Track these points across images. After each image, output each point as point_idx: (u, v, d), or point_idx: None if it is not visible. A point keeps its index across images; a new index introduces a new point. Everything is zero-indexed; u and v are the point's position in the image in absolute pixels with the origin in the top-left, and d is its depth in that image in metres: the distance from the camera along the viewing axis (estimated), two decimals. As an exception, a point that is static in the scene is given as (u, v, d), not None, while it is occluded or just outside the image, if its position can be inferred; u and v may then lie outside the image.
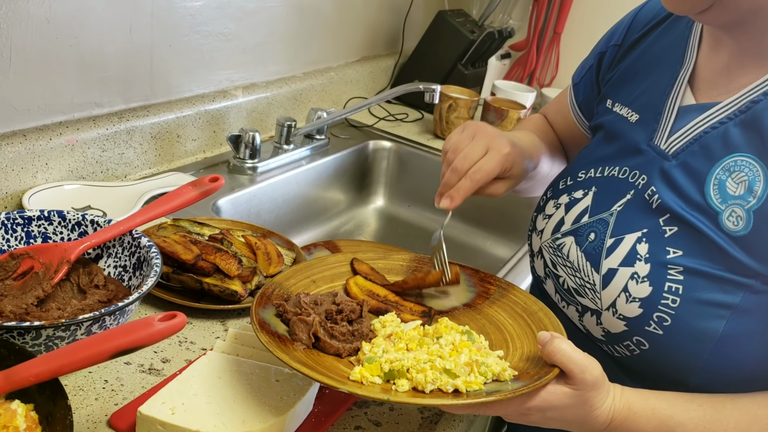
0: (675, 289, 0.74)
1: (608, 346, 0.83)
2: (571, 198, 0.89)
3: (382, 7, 1.88)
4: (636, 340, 0.78)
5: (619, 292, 0.78)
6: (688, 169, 0.77)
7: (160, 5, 1.20)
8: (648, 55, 0.90)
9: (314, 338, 0.75)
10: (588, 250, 0.83)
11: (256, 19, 1.43)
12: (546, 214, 0.92)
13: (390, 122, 1.82)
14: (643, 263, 0.77)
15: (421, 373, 0.69)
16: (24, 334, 0.68)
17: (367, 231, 1.70)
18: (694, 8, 0.73)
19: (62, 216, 0.89)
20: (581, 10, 2.10)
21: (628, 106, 0.89)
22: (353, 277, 0.88)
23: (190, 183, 0.93)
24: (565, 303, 0.88)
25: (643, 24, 0.93)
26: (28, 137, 1.05)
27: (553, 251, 0.89)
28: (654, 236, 0.77)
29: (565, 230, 0.88)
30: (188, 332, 0.88)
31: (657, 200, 0.78)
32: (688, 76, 0.83)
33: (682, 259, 0.74)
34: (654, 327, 0.76)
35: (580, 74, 1.04)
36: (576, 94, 1.04)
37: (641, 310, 0.76)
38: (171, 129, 1.29)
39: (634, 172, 0.83)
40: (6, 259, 0.83)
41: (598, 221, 0.84)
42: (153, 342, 0.61)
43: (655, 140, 0.82)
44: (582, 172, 0.90)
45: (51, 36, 1.05)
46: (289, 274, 0.85)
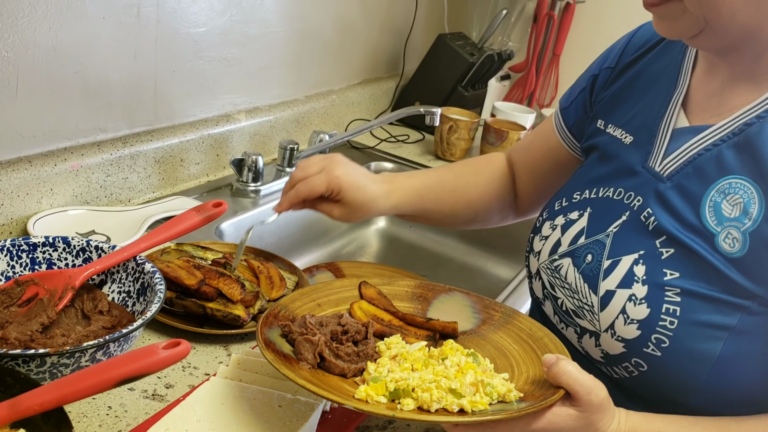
0: (672, 310, 0.75)
1: (607, 367, 0.83)
2: (567, 219, 0.90)
3: (383, 30, 1.90)
4: (634, 361, 0.78)
5: (617, 314, 0.78)
6: (683, 191, 0.78)
7: (164, 32, 1.22)
8: (642, 78, 0.91)
9: (319, 358, 0.75)
10: (585, 272, 0.84)
11: (259, 44, 1.45)
12: (543, 235, 0.93)
13: (391, 144, 1.84)
14: (641, 285, 0.77)
15: (426, 393, 0.69)
16: (29, 362, 0.69)
17: (369, 252, 1.71)
18: (684, 33, 0.74)
19: (67, 242, 0.90)
20: (579, 31, 2.12)
21: (621, 127, 0.89)
22: (358, 302, 0.89)
23: (194, 208, 0.94)
24: (564, 325, 0.89)
25: (637, 47, 0.94)
26: (34, 163, 1.06)
27: (550, 273, 0.90)
28: (651, 258, 0.78)
29: (562, 252, 0.88)
30: (192, 357, 0.88)
31: (653, 222, 0.79)
32: (681, 99, 0.83)
33: (679, 281, 0.75)
34: (652, 348, 0.76)
35: (569, 98, 1.04)
36: (566, 118, 1.03)
37: (639, 331, 0.76)
38: (175, 153, 1.30)
39: (629, 194, 0.83)
40: (11, 285, 0.84)
41: (594, 243, 0.84)
42: (157, 370, 0.61)
43: (649, 162, 0.83)
44: (577, 193, 0.91)
45: (57, 63, 1.06)
46: (295, 297, 0.86)
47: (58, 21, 1.04)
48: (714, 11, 0.70)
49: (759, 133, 0.74)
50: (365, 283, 0.91)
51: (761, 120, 0.74)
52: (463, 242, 1.71)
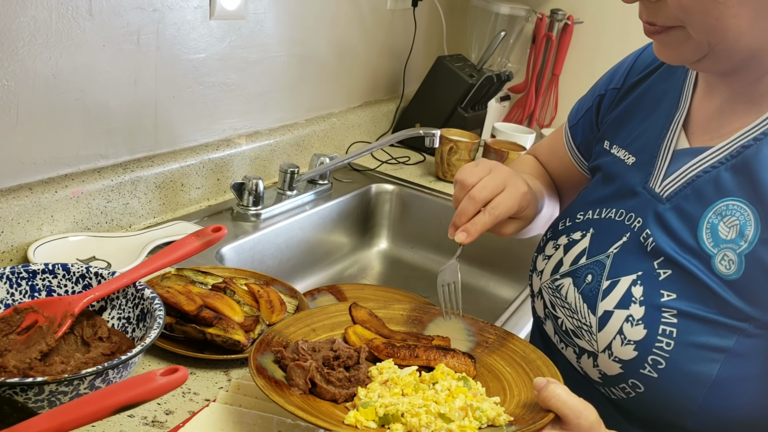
0: (669, 332, 0.75)
1: (605, 388, 0.83)
2: (570, 239, 0.90)
3: (383, 53, 1.92)
4: (631, 382, 0.78)
5: (614, 335, 0.78)
6: (682, 213, 0.78)
7: (164, 58, 1.23)
8: (646, 99, 0.91)
9: (311, 384, 0.75)
10: (585, 292, 0.84)
11: (259, 69, 1.46)
12: (546, 254, 0.93)
13: (392, 165, 1.84)
14: (638, 306, 0.77)
15: (415, 417, 0.69)
16: (27, 390, 0.69)
17: (371, 274, 1.71)
18: (688, 59, 0.75)
19: (66, 269, 0.90)
20: (578, 51, 2.14)
21: (624, 148, 0.90)
22: (352, 326, 0.89)
23: (193, 234, 0.94)
24: (564, 344, 0.88)
25: (642, 67, 0.94)
26: (34, 190, 1.07)
27: (552, 292, 0.90)
28: (649, 279, 0.78)
29: (563, 271, 0.89)
30: (191, 383, 0.88)
31: (651, 243, 0.79)
32: (682, 121, 0.84)
33: (676, 302, 0.75)
34: (649, 370, 0.76)
35: (576, 116, 1.05)
36: (573, 136, 1.05)
37: (636, 352, 0.76)
38: (175, 178, 1.31)
39: (630, 215, 0.84)
40: (10, 313, 0.84)
41: (595, 263, 0.84)
42: (155, 397, 0.61)
43: (650, 183, 0.83)
44: (581, 214, 0.91)
45: (57, 91, 1.07)
46: (290, 322, 0.86)
47: (58, 49, 1.05)
48: (719, 36, 0.70)
49: (756, 155, 0.74)
50: (355, 305, 0.91)
51: (758, 142, 0.74)
52: (466, 263, 1.71)
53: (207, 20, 1.29)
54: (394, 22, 1.92)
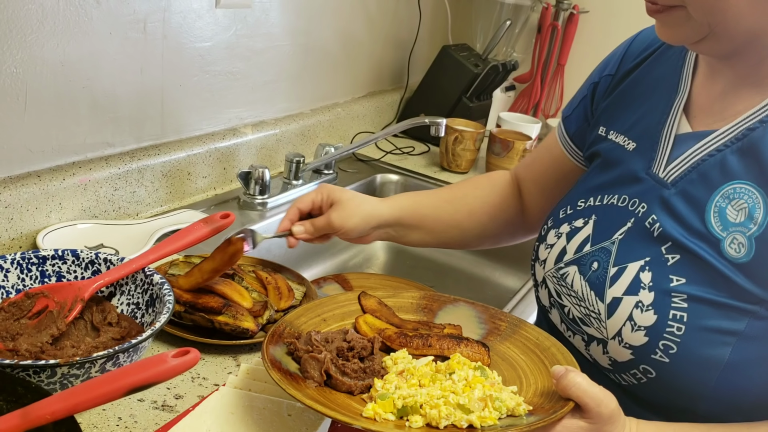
0: (680, 316, 0.74)
1: (615, 374, 0.83)
2: (572, 227, 0.89)
3: (387, 43, 1.92)
4: (642, 368, 0.78)
5: (624, 321, 0.78)
6: (688, 197, 0.78)
7: (170, 47, 1.23)
8: (642, 84, 0.91)
9: (326, 375, 0.74)
10: (592, 280, 0.83)
11: (264, 58, 1.46)
12: (548, 243, 0.93)
13: (397, 155, 1.84)
14: (647, 291, 0.77)
15: (434, 409, 0.69)
16: (39, 373, 0.69)
17: (376, 264, 1.71)
18: (688, 39, 0.75)
19: (76, 255, 0.91)
20: (584, 41, 2.13)
21: (623, 134, 0.89)
22: (363, 316, 0.88)
23: (202, 220, 0.95)
24: (571, 332, 0.88)
25: (637, 53, 0.94)
26: (42, 178, 1.07)
27: (557, 281, 0.90)
28: (657, 264, 0.77)
29: (567, 260, 0.88)
30: (201, 368, 0.88)
31: (658, 228, 0.79)
32: (683, 105, 0.83)
33: (686, 287, 0.75)
34: (660, 355, 0.76)
35: (570, 107, 1.04)
36: (567, 127, 1.03)
37: (647, 338, 0.76)
38: (182, 167, 1.31)
39: (634, 200, 0.83)
40: (21, 298, 0.85)
41: (600, 250, 0.84)
42: (167, 378, 0.61)
43: (653, 168, 0.83)
44: (581, 201, 0.91)
45: (65, 79, 1.07)
46: (300, 313, 0.86)
47: (65, 37, 1.05)
48: (719, 17, 0.70)
49: (762, 138, 0.73)
50: (365, 294, 0.91)
51: (764, 124, 0.74)
52: (470, 253, 1.71)
53: (213, 9, 1.29)
54: (399, 12, 1.91)
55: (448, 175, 1.77)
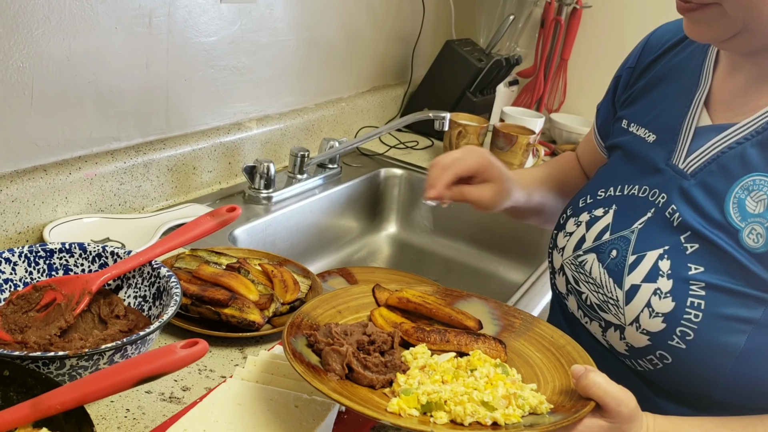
0: (697, 304, 0.76)
1: (631, 360, 0.84)
2: (592, 216, 0.91)
3: (391, 38, 1.92)
4: (659, 354, 0.79)
5: (642, 308, 0.79)
6: (707, 188, 0.79)
7: (175, 41, 1.24)
8: (663, 77, 0.92)
9: (347, 369, 0.74)
10: (610, 267, 0.85)
11: (269, 53, 1.47)
12: (567, 231, 0.94)
13: (401, 150, 1.84)
14: (666, 279, 0.78)
15: (459, 406, 0.68)
16: (49, 364, 0.70)
17: (381, 258, 1.72)
18: (719, 36, 0.75)
19: (83, 248, 0.91)
20: (587, 36, 2.13)
21: (644, 126, 0.91)
22: (378, 309, 0.88)
23: (208, 213, 0.95)
24: (588, 319, 0.89)
25: (657, 46, 0.95)
26: (49, 172, 1.08)
27: (575, 268, 0.91)
28: (676, 253, 0.79)
29: (586, 247, 0.89)
30: (207, 360, 0.89)
31: (678, 218, 0.80)
32: (704, 98, 0.84)
33: (704, 275, 0.76)
34: (677, 341, 0.77)
35: (603, 101, 1.07)
36: (597, 119, 1.07)
37: (664, 324, 0.77)
38: (187, 161, 1.32)
39: (654, 191, 0.85)
40: (29, 291, 0.85)
41: (619, 238, 0.85)
42: (176, 369, 0.62)
43: (673, 160, 0.84)
44: (602, 191, 0.92)
45: (71, 73, 1.08)
46: (316, 304, 0.85)
47: (71, 31, 1.05)
48: (756, 13, 0.70)
49: None
50: (379, 287, 0.91)
51: None
52: (475, 246, 1.71)
53: (218, 3, 1.29)
54: (402, 7, 1.91)
55: (452, 169, 1.77)
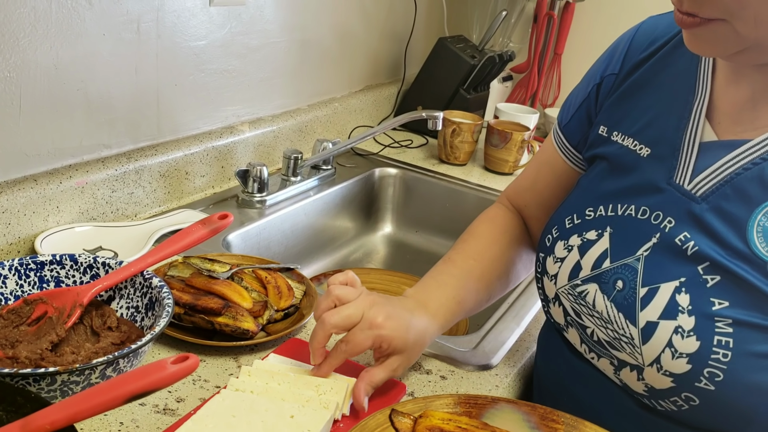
0: (725, 342, 0.69)
1: (651, 401, 0.77)
2: (584, 239, 0.82)
3: (383, 36, 1.91)
4: (685, 396, 0.73)
5: (663, 348, 0.73)
6: (724, 214, 0.72)
7: (164, 46, 1.23)
8: (651, 83, 0.84)
9: None
10: (618, 301, 0.77)
11: (260, 55, 1.46)
12: (557, 256, 0.85)
13: (395, 149, 1.84)
14: (687, 316, 0.71)
15: None
16: (39, 380, 0.69)
17: (377, 258, 1.71)
18: (725, 51, 0.68)
19: (74, 259, 0.91)
20: (580, 30, 2.12)
21: (632, 137, 0.82)
22: None
23: (200, 221, 0.94)
24: (595, 355, 0.83)
25: (642, 48, 0.87)
26: (39, 182, 1.07)
27: (573, 299, 0.83)
28: (694, 286, 0.72)
29: (584, 276, 0.81)
30: (201, 370, 0.88)
31: (693, 247, 0.73)
32: (704, 110, 0.77)
33: (729, 311, 0.69)
34: (705, 383, 0.70)
35: (568, 113, 0.96)
36: (569, 136, 0.96)
37: (690, 366, 0.71)
38: (179, 166, 1.31)
39: (657, 213, 0.77)
40: (20, 305, 0.84)
41: (623, 267, 0.78)
42: (167, 385, 0.61)
43: (675, 179, 0.77)
44: (590, 210, 0.83)
45: (59, 82, 1.07)
46: None
47: (58, 39, 1.04)
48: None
49: None
50: (396, 413, 0.77)
51: None
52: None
53: (207, 7, 1.28)
54: (394, 5, 1.90)
55: (446, 167, 1.77)
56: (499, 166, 1.77)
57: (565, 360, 0.90)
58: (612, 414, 0.83)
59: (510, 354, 1.02)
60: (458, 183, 1.70)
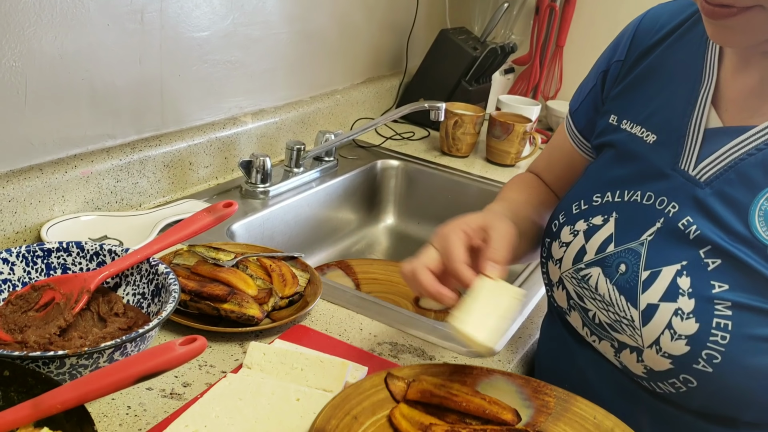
0: (724, 325, 0.70)
1: (650, 383, 0.79)
2: (590, 224, 0.84)
3: (385, 28, 1.91)
4: (683, 378, 0.74)
5: (662, 329, 0.74)
6: (727, 199, 0.73)
7: (168, 37, 1.23)
8: (657, 71, 0.85)
9: None
10: (621, 284, 0.78)
11: (263, 47, 1.46)
12: (562, 241, 0.87)
13: (397, 141, 1.84)
14: (687, 298, 0.72)
15: None
16: (48, 364, 0.70)
17: (379, 249, 1.72)
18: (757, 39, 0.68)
19: (80, 247, 0.91)
20: (582, 22, 2.12)
21: (640, 124, 0.84)
22: (398, 407, 0.77)
23: (205, 209, 0.95)
24: (596, 338, 0.84)
25: (648, 36, 0.88)
26: (45, 171, 1.08)
27: (577, 282, 0.84)
28: (695, 269, 0.73)
29: (588, 260, 0.83)
30: (207, 356, 0.89)
31: (695, 231, 0.74)
32: (710, 97, 0.77)
33: (729, 294, 0.70)
34: (703, 365, 0.72)
35: (578, 100, 0.98)
36: (576, 122, 0.98)
37: (688, 347, 0.72)
38: (183, 157, 1.31)
39: (661, 199, 0.78)
40: (28, 291, 0.85)
41: (627, 251, 0.79)
42: (175, 366, 0.62)
43: (681, 164, 0.78)
44: (597, 196, 0.85)
45: (64, 71, 1.07)
46: (329, 414, 0.71)
47: (63, 29, 1.05)
48: None
49: None
50: (391, 376, 0.79)
51: None
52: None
53: (210, -3, 1.29)
54: (396, -3, 1.91)
55: (448, 159, 1.77)
56: (501, 157, 1.77)
57: (566, 345, 0.91)
58: (612, 397, 0.84)
59: (512, 341, 1.03)
60: (460, 175, 1.70)
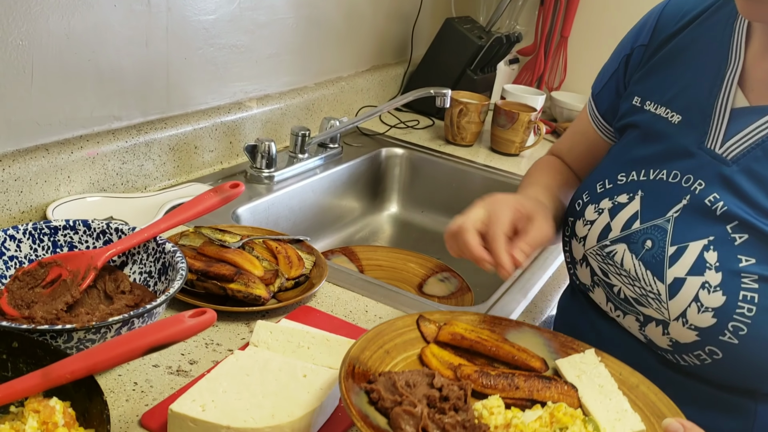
0: (750, 297, 0.72)
1: (674, 355, 0.80)
2: (615, 202, 0.85)
3: (391, 16, 1.91)
4: (708, 349, 0.76)
5: (689, 302, 0.75)
6: (754, 175, 0.75)
7: (174, 19, 1.23)
8: (683, 53, 0.86)
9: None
10: (647, 259, 0.80)
11: (268, 32, 1.46)
12: (587, 219, 0.88)
13: (401, 129, 1.84)
14: (714, 272, 0.74)
15: None
16: (56, 338, 0.70)
17: (382, 237, 1.72)
18: None
19: (87, 225, 0.91)
20: (587, 13, 2.12)
21: (665, 105, 0.85)
22: (428, 347, 0.80)
23: (212, 189, 0.95)
24: (621, 312, 0.85)
25: (673, 21, 0.89)
26: (51, 151, 1.07)
27: (602, 259, 0.85)
28: (722, 243, 0.75)
29: (614, 237, 0.84)
30: (214, 334, 0.89)
31: (722, 207, 0.76)
32: (737, 77, 0.79)
33: (756, 267, 0.72)
34: (729, 336, 0.73)
35: (600, 83, 0.99)
36: (598, 105, 0.99)
37: (715, 320, 0.74)
38: (188, 141, 1.31)
39: (687, 177, 0.80)
40: (35, 267, 0.85)
41: (653, 228, 0.80)
42: (184, 337, 0.62)
43: (707, 143, 0.79)
44: (622, 175, 0.86)
45: (70, 51, 1.07)
46: (363, 345, 0.75)
47: (70, 9, 1.05)
48: None
49: None
50: (423, 318, 0.83)
51: None
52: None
53: (216, -19, 1.29)
54: (402, -15, 1.90)
55: (453, 148, 1.77)
56: (506, 146, 1.77)
57: (588, 321, 0.93)
58: None
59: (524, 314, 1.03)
60: (464, 163, 1.70)
